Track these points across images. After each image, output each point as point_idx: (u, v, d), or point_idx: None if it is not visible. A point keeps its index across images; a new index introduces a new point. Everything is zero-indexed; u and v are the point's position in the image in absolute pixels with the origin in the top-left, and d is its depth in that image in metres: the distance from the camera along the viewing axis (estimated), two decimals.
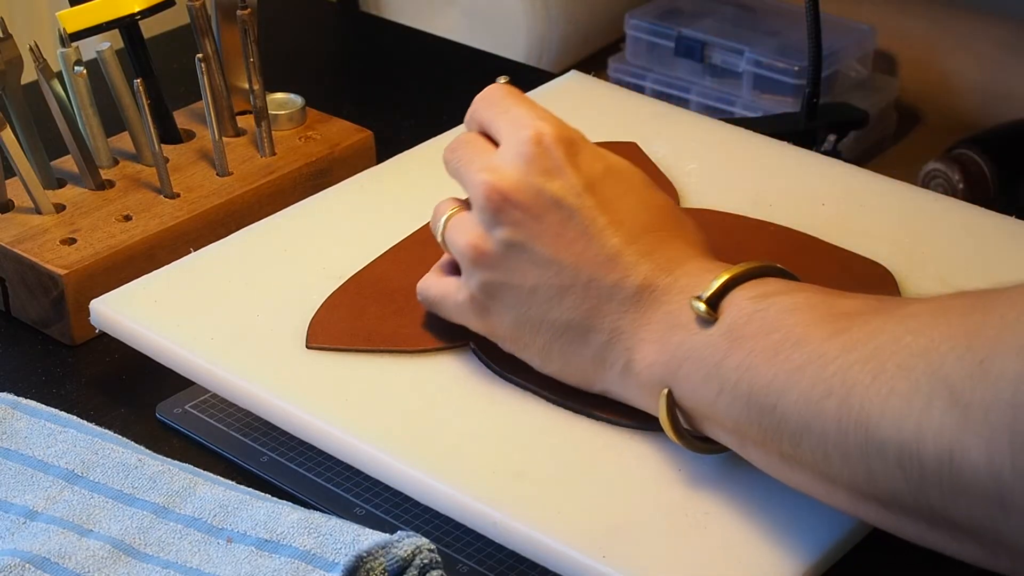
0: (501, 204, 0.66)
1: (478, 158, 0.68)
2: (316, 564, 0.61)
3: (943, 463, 0.53)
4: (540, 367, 0.68)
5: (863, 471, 0.56)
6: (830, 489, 0.59)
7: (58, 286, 0.81)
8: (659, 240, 0.65)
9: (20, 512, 0.66)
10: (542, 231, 0.65)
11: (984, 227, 0.80)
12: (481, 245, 0.67)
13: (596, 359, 0.66)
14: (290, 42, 1.19)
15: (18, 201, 0.86)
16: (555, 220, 0.65)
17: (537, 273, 0.66)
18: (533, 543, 0.62)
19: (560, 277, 0.65)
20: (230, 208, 0.88)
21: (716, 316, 0.61)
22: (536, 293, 0.66)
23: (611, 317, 0.65)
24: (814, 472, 0.59)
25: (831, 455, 0.57)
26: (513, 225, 0.66)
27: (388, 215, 0.82)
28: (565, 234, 0.65)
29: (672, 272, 0.64)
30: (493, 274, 0.67)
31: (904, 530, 0.57)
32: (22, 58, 0.86)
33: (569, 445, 0.67)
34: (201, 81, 0.88)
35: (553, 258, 0.65)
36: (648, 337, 0.64)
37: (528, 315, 0.67)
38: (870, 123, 1.11)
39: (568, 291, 0.65)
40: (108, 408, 0.77)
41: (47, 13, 1.31)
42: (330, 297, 0.75)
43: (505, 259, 0.66)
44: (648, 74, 1.25)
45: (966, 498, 0.53)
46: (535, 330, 0.67)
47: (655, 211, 0.67)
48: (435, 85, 1.12)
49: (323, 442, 0.68)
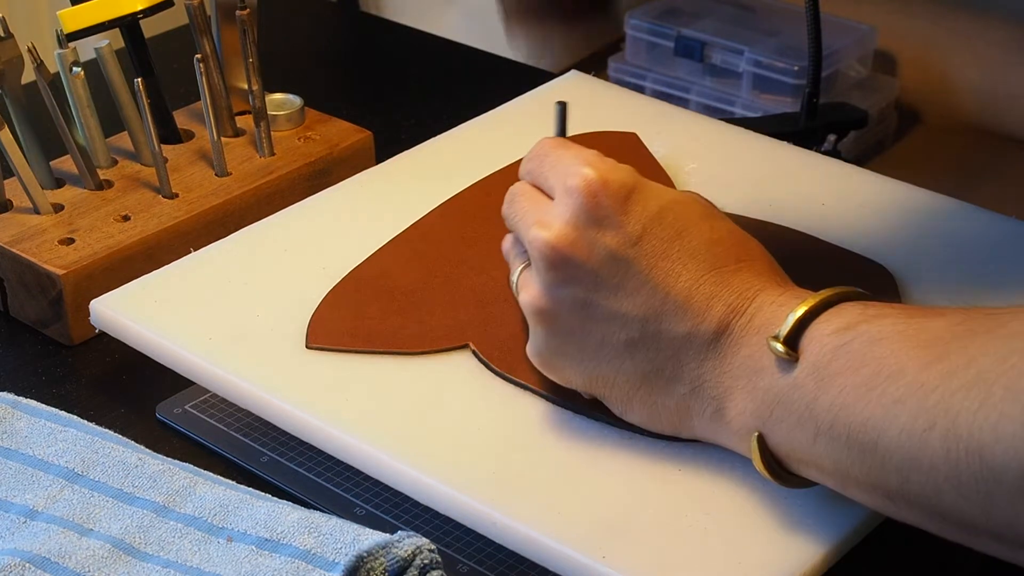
0: (556, 261, 0.64)
1: (532, 212, 0.66)
2: (316, 564, 0.61)
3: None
4: (622, 415, 0.66)
5: (980, 502, 0.54)
6: (942, 525, 0.57)
7: (56, 286, 0.81)
8: (725, 277, 0.63)
9: (20, 511, 0.66)
10: (600, 285, 0.63)
11: (984, 227, 0.80)
12: (542, 304, 0.65)
13: (681, 408, 0.64)
14: (291, 42, 1.19)
15: (17, 201, 0.86)
16: (612, 273, 0.63)
17: (602, 328, 0.64)
18: (533, 543, 0.62)
19: (627, 331, 0.63)
20: (228, 208, 0.88)
21: (797, 356, 0.59)
22: (603, 348, 0.64)
23: (690, 366, 0.63)
24: (925, 509, 0.57)
25: (943, 489, 0.55)
26: (571, 283, 0.64)
27: (388, 215, 0.82)
28: (624, 286, 0.63)
29: (744, 311, 0.62)
30: (557, 331, 0.65)
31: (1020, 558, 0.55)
32: (23, 58, 0.86)
33: (569, 445, 0.66)
34: (200, 81, 0.88)
35: (617, 312, 0.63)
36: (733, 384, 0.62)
37: (599, 370, 0.65)
38: (870, 123, 1.11)
39: (638, 344, 0.63)
40: (108, 408, 0.77)
41: (47, 13, 1.31)
42: (329, 294, 0.75)
43: (567, 316, 0.64)
44: (648, 74, 1.25)
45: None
46: (609, 384, 0.65)
47: (717, 244, 0.64)
48: (435, 85, 1.12)
49: (323, 442, 0.68)
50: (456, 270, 0.77)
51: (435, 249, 0.78)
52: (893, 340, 0.57)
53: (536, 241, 0.64)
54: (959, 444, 0.53)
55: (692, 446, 0.66)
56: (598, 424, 0.67)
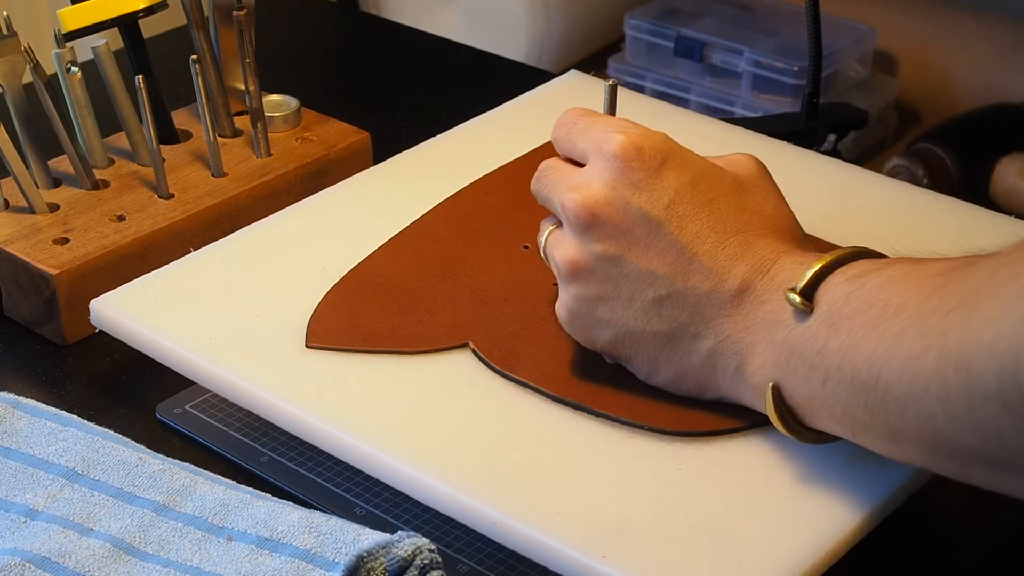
0: (590, 220, 0.66)
1: (564, 179, 0.68)
2: (316, 563, 0.61)
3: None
4: (647, 377, 0.68)
5: (968, 423, 0.55)
6: (939, 458, 0.58)
7: (50, 286, 0.81)
8: (750, 240, 0.65)
9: (20, 511, 0.66)
10: (633, 243, 0.65)
11: (983, 227, 0.80)
12: (576, 259, 0.67)
13: (706, 366, 0.66)
14: (291, 42, 1.19)
15: (12, 200, 0.86)
16: (644, 232, 0.65)
17: (632, 285, 0.66)
18: (533, 543, 0.61)
19: (656, 288, 0.65)
20: (224, 209, 0.88)
21: (812, 306, 0.61)
22: (632, 304, 0.66)
23: (715, 322, 0.65)
24: (922, 442, 0.58)
25: (935, 413, 0.56)
26: (604, 239, 0.66)
27: (388, 214, 0.82)
28: (655, 245, 0.65)
29: (767, 271, 0.64)
30: (589, 287, 0.67)
31: (1013, 486, 0.56)
32: (24, 57, 0.86)
33: (569, 445, 0.66)
34: (195, 81, 0.88)
35: (647, 269, 0.65)
36: (755, 339, 0.64)
37: (628, 327, 0.67)
38: (870, 123, 1.12)
39: (666, 301, 0.65)
40: (108, 408, 0.77)
41: (47, 13, 1.31)
42: (329, 293, 0.75)
43: (600, 272, 0.66)
44: (648, 74, 1.25)
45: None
46: (637, 341, 0.67)
47: (746, 212, 0.66)
48: (434, 85, 1.12)
49: (323, 442, 0.68)
50: (456, 269, 0.77)
51: (435, 248, 0.78)
52: (899, 281, 0.59)
53: (571, 203, 0.66)
54: (948, 361, 0.55)
55: (692, 446, 0.66)
56: (598, 423, 0.67)
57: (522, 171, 0.85)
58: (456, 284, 0.76)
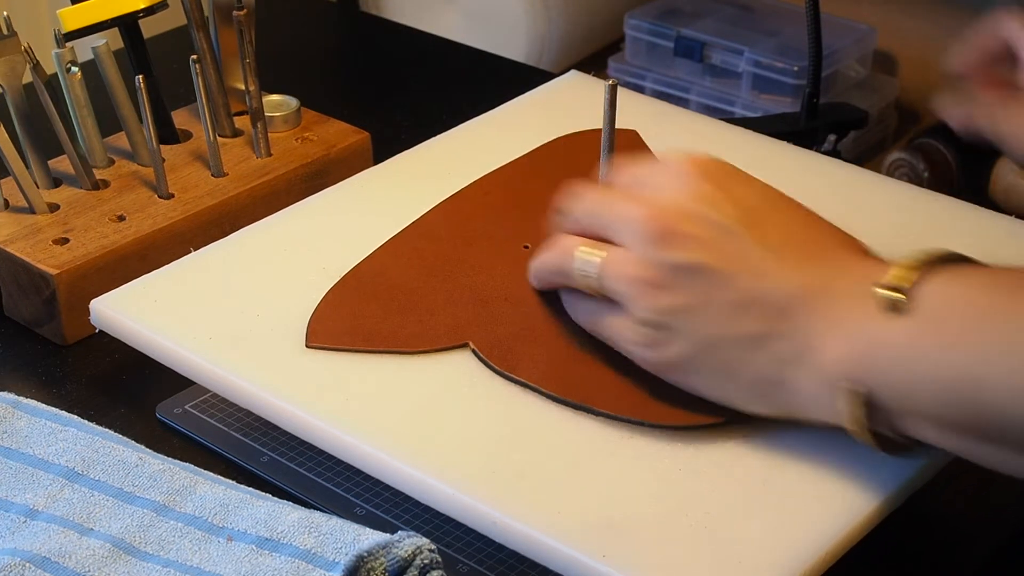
0: (663, 230, 0.65)
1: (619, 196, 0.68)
2: (316, 563, 0.61)
3: None
4: (709, 390, 0.66)
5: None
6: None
7: (50, 286, 0.81)
8: (824, 248, 0.65)
9: (20, 511, 0.66)
10: (708, 248, 0.65)
11: (983, 226, 0.80)
12: (649, 275, 0.66)
13: (777, 365, 0.64)
14: (291, 42, 1.19)
15: (12, 200, 0.86)
16: (718, 237, 0.65)
17: (709, 291, 0.65)
18: (533, 543, 0.61)
19: (735, 292, 0.64)
20: (224, 209, 0.88)
21: (908, 304, 0.61)
22: (710, 310, 0.65)
23: (793, 322, 0.64)
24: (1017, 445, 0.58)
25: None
26: (679, 247, 0.65)
27: (388, 214, 0.82)
28: (728, 250, 0.65)
29: (849, 272, 0.64)
30: (664, 301, 0.66)
31: None
32: (24, 57, 0.86)
33: (569, 445, 0.66)
34: (195, 81, 0.88)
35: (724, 271, 0.65)
36: (836, 333, 0.63)
37: (706, 334, 0.65)
38: (870, 123, 1.12)
39: (744, 305, 0.64)
40: (108, 408, 0.77)
41: (47, 13, 1.31)
42: (329, 292, 0.75)
43: (675, 282, 0.65)
44: (648, 74, 1.25)
45: None
46: (713, 348, 0.65)
47: (814, 227, 0.67)
48: (434, 85, 1.12)
49: (323, 442, 0.68)
50: (456, 269, 0.77)
51: (435, 248, 0.78)
52: (999, 288, 0.60)
53: (642, 217, 0.66)
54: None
55: (692, 446, 0.66)
56: (598, 423, 0.67)
57: (522, 171, 0.85)
58: (456, 284, 0.76)
